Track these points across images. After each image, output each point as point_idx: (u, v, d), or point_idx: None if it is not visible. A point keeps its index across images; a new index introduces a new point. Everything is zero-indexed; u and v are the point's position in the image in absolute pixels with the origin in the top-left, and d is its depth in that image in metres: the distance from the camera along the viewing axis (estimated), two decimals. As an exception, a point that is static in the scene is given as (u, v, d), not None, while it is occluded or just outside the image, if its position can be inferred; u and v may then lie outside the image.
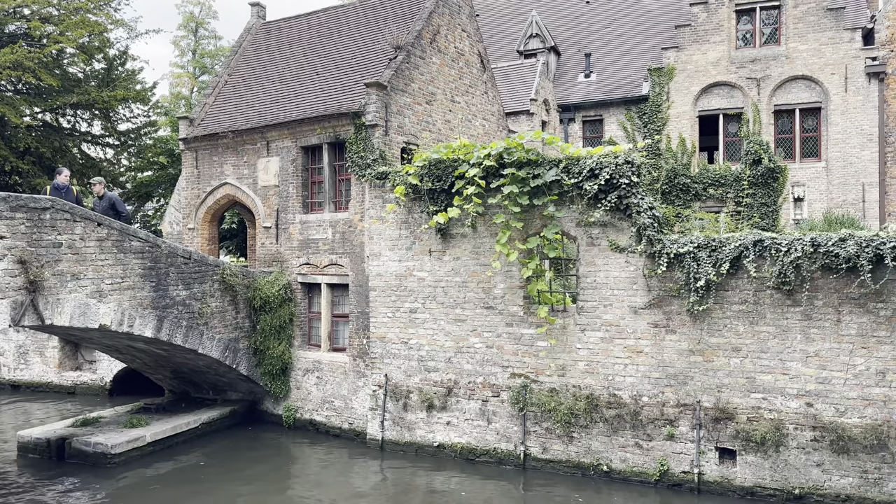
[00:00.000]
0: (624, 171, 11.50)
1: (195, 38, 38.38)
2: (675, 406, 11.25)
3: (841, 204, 21.93)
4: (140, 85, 27.35)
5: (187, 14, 37.93)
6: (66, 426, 13.79)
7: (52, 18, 22.81)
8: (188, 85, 36.95)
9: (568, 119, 25.50)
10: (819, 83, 22.64)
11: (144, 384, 17.28)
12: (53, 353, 19.03)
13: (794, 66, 22.83)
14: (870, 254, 9.89)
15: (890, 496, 9.87)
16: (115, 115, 26.25)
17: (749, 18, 23.60)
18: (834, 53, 22.42)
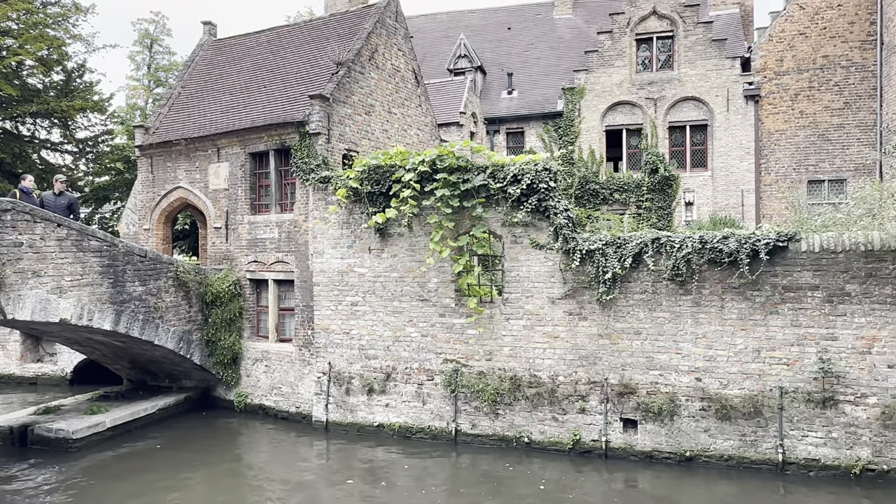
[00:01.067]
0: (543, 178, 12.04)
1: (150, 54, 37.60)
2: (586, 384, 11.84)
3: (724, 207, 23.15)
4: (97, 96, 26.81)
5: (143, 31, 37.15)
6: (29, 414, 13.53)
7: (11, 32, 22.15)
8: (143, 96, 36.19)
9: (493, 131, 26.11)
10: (706, 103, 23.87)
11: (104, 374, 16.98)
12: (15, 347, 18.61)
13: (685, 88, 24.01)
14: (747, 249, 10.68)
15: (764, 454, 10.69)
16: (74, 123, 25.68)
17: (647, 46, 24.72)
18: (718, 78, 23.70)
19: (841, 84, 23.36)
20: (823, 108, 23.47)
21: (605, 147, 25.13)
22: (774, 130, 23.81)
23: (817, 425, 10.49)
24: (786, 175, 23.66)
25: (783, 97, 23.82)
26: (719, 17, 26.14)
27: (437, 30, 31.38)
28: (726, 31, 25.18)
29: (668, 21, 24.46)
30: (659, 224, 18.74)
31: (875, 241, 10.27)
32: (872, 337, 10.29)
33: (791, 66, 23.80)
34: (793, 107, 23.71)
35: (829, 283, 10.47)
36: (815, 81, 23.59)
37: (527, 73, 27.61)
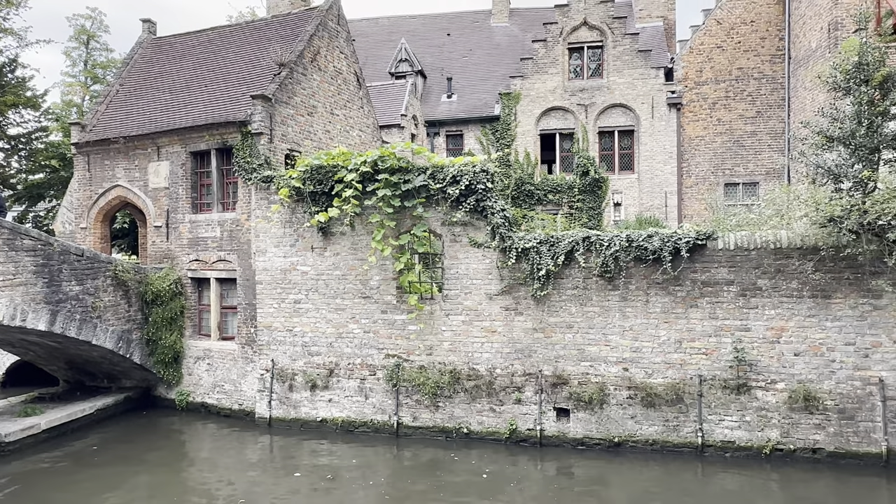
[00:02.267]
0: (480, 179, 12.13)
1: (87, 50, 35.87)
2: (522, 375, 12.02)
3: (649, 208, 23.92)
4: (31, 92, 25.40)
5: (79, 27, 35.40)
6: (-44, 419, 12.72)
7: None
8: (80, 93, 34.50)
9: (434, 133, 26.16)
10: (633, 110, 24.60)
11: (38, 375, 16.15)
12: (-60, 350, 17.36)
13: (613, 95, 24.68)
14: (670, 247, 11.06)
15: (685, 438, 11.10)
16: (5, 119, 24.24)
17: (579, 55, 25.27)
18: (643, 87, 24.46)
19: (754, 94, 24.46)
20: (738, 116, 24.53)
21: (540, 150, 25.53)
22: (695, 136, 24.73)
23: (732, 410, 10.96)
24: (705, 178, 24.61)
25: (702, 105, 24.77)
26: (645, 30, 26.94)
27: (378, 34, 31.17)
28: (651, 43, 25.99)
29: (598, 32, 25.05)
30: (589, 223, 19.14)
31: (783, 240, 10.81)
32: (781, 327, 10.83)
33: (709, 77, 24.77)
34: (711, 115, 24.68)
35: (742, 279, 10.96)
36: (730, 91, 24.62)
37: (466, 78, 27.76)
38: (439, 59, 28.99)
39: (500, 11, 30.42)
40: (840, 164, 10.89)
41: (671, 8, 27.94)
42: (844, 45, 11.22)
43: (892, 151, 10.89)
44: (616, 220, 22.98)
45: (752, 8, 24.56)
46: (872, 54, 10.80)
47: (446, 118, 26.18)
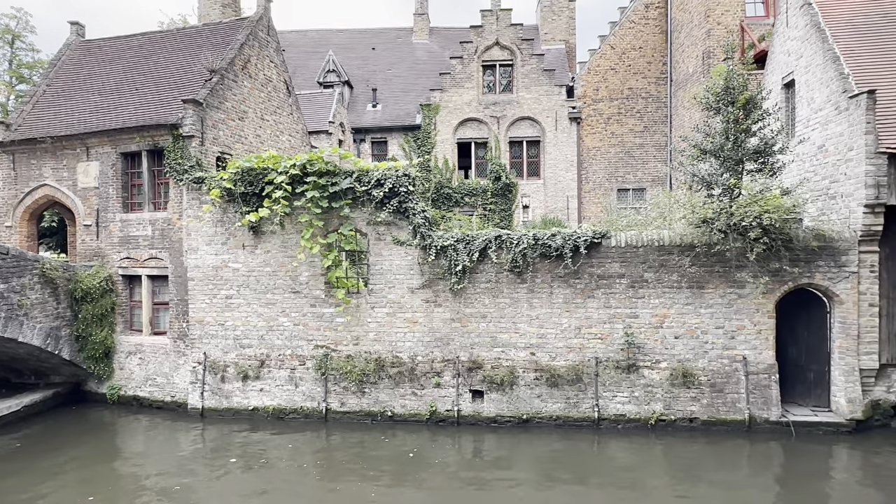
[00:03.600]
0: (403, 182, 12.13)
1: (11, 50, 33.01)
2: (441, 362, 12.12)
3: (553, 210, 24.71)
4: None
5: (3, 26, 32.51)
6: None
7: None
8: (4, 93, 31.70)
9: (360, 139, 25.89)
10: (539, 123, 25.31)
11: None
12: None
13: (522, 109, 25.30)
14: (570, 245, 11.47)
15: (584, 413, 11.54)
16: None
17: (492, 72, 25.74)
18: (548, 102, 25.22)
19: (642, 111, 25.68)
20: (629, 130, 25.67)
21: (457, 157, 25.77)
22: (592, 147, 25.68)
23: (623, 387, 11.50)
24: (601, 184, 25.62)
25: (598, 120, 25.76)
26: (549, 51, 27.73)
27: (307, 45, 30.47)
28: (555, 63, 26.78)
29: (509, 51, 25.54)
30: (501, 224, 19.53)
31: (665, 238, 11.43)
32: (663, 314, 11.45)
33: (604, 95, 25.79)
34: (606, 128, 25.71)
35: (632, 272, 11.51)
36: (622, 108, 25.74)
37: (390, 90, 27.62)
38: (365, 71, 28.69)
39: (420, 29, 30.47)
40: (712, 174, 11.63)
41: (572, 33, 28.88)
42: (714, 71, 11.98)
43: (753, 163, 11.74)
44: (524, 221, 23.56)
45: (641, 36, 25.77)
46: (737, 80, 11.60)
47: (372, 126, 25.96)
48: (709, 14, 21.71)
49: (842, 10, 13.02)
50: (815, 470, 9.73)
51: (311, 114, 21.96)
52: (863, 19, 12.75)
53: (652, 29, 25.70)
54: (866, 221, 10.72)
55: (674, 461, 10.00)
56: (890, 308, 10.98)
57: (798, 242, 10.93)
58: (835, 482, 9.41)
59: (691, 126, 21.57)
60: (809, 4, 13.16)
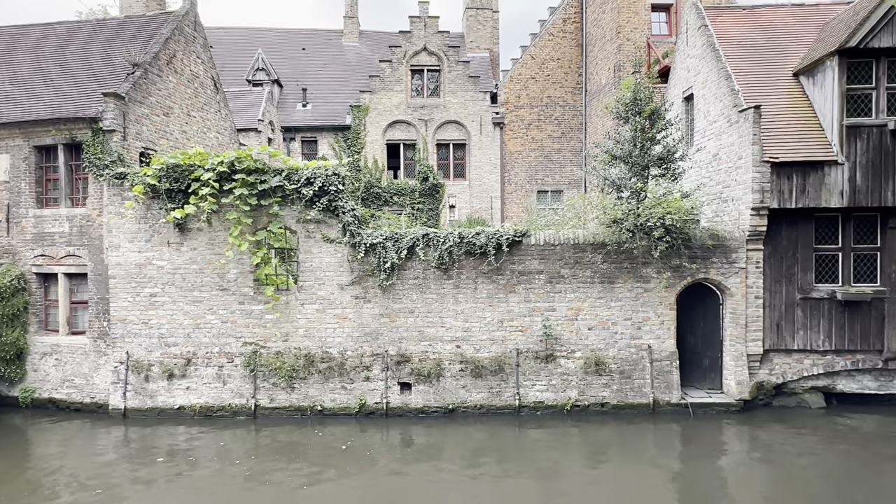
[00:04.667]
0: (333, 181, 11.95)
1: None
2: (370, 356, 12.06)
3: (478, 210, 25.14)
4: None
5: None
6: None
7: None
8: None
9: (290, 138, 25.28)
10: (465, 126, 25.67)
11: None
12: None
13: (449, 113, 25.56)
14: (493, 243, 11.71)
15: (506, 402, 11.83)
16: None
17: (420, 76, 25.84)
18: (473, 107, 25.62)
19: (560, 119, 26.52)
20: (548, 136, 26.45)
21: (387, 157, 25.65)
22: (514, 151, 26.27)
23: (542, 376, 11.88)
24: (522, 186, 26.26)
25: (520, 126, 26.38)
26: (474, 59, 28.10)
27: (235, 43, 29.34)
28: (479, 70, 27.17)
29: (436, 57, 25.69)
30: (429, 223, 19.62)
31: (580, 237, 11.90)
32: (578, 308, 11.92)
33: (525, 102, 26.44)
34: (527, 133, 26.38)
35: (550, 268, 11.89)
36: (542, 115, 26.48)
37: (320, 90, 27.10)
38: (295, 71, 28.00)
39: (350, 32, 30.07)
40: (621, 178, 12.21)
41: (496, 42, 29.40)
42: (623, 83, 12.58)
43: (657, 169, 12.43)
44: (451, 220, 23.80)
45: (559, 48, 26.59)
46: (644, 92, 12.23)
47: (302, 125, 25.39)
48: (619, 31, 22.71)
49: (733, 33, 14.00)
50: (710, 445, 10.45)
51: (240, 111, 21.20)
52: (750, 42, 13.76)
53: (569, 42, 26.59)
54: (753, 223, 11.60)
55: (587, 444, 10.44)
56: (772, 300, 11.95)
57: (696, 241, 11.68)
58: (727, 455, 10.15)
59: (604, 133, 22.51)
60: (706, 26, 14.06)
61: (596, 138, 24.09)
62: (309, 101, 26.40)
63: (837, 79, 11.39)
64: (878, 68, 11.31)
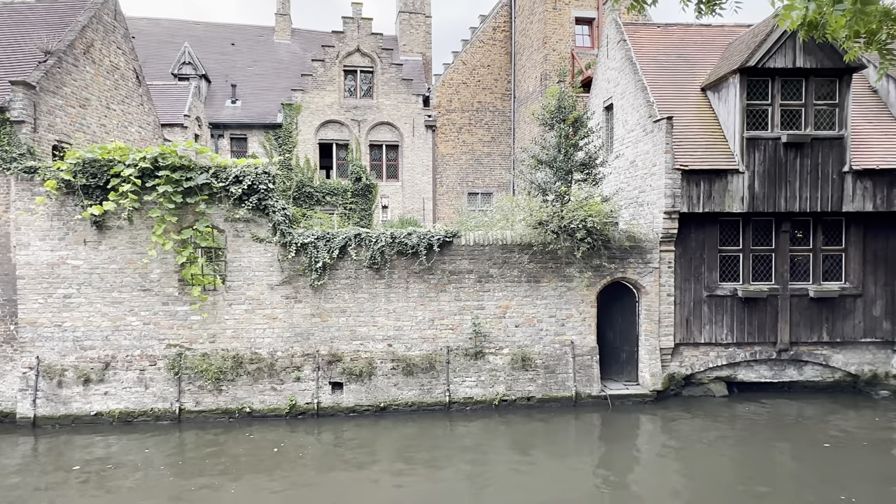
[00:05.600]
0: (263, 180, 11.50)
1: None
2: (301, 356, 11.71)
3: (410, 211, 25.12)
4: None
5: None
6: None
7: None
8: None
9: (218, 135, 24.21)
10: (398, 128, 25.55)
11: None
12: None
13: (382, 114, 25.35)
14: (425, 243, 11.66)
15: (436, 398, 11.81)
16: None
17: (353, 77, 25.47)
18: (406, 109, 25.55)
19: (489, 123, 26.86)
20: (478, 139, 26.74)
21: (319, 157, 25.09)
22: (446, 154, 26.38)
23: (472, 372, 11.95)
24: (453, 188, 26.41)
25: (451, 129, 26.51)
26: (407, 62, 27.97)
27: (160, 35, 27.78)
28: (412, 74, 27.08)
29: (370, 59, 25.37)
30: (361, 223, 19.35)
31: (508, 238, 12.06)
32: (506, 306, 12.08)
33: (457, 106, 26.61)
34: (458, 137, 26.55)
35: (479, 268, 11.98)
36: (473, 120, 26.74)
37: (250, 87, 26.11)
38: (224, 66, 26.84)
39: (282, 30, 29.18)
40: (546, 181, 12.49)
41: (428, 46, 29.41)
42: (549, 92, 12.87)
43: (580, 173, 12.80)
44: (384, 221, 23.58)
45: (489, 55, 26.93)
46: (568, 101, 12.56)
47: (231, 122, 24.36)
48: (546, 41, 23.27)
49: (649, 48, 14.65)
50: (626, 433, 10.87)
51: (165, 106, 20.05)
52: (664, 57, 14.44)
53: (499, 50, 26.98)
54: (665, 226, 12.17)
55: (514, 436, 10.59)
56: (682, 297, 12.59)
57: (614, 243, 12.12)
58: (641, 442, 10.59)
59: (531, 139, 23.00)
60: (624, 41, 14.63)
61: (524, 143, 24.58)
62: (239, 97, 25.39)
63: (739, 95, 12.14)
64: (773, 86, 12.15)
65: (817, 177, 12.19)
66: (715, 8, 4.84)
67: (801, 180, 12.18)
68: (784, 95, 12.19)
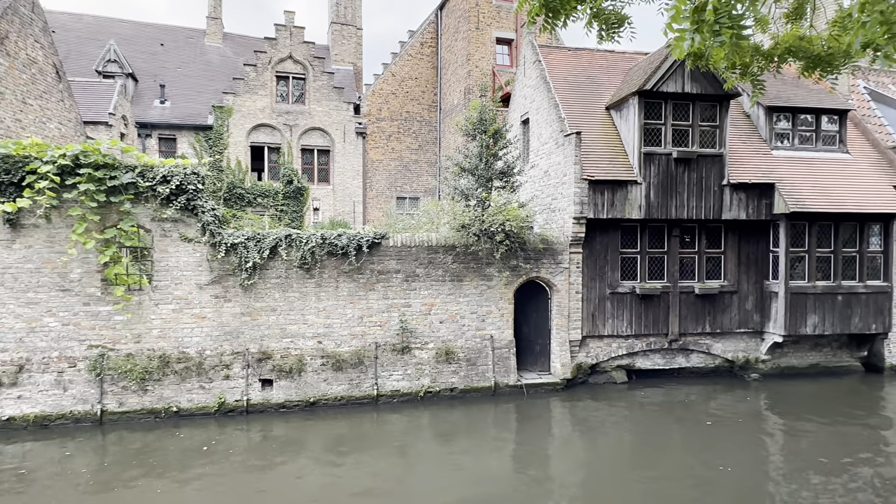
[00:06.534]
0: (192, 180, 10.99)
1: None
2: (230, 355, 11.29)
3: (341, 213, 24.79)
4: None
5: None
6: None
7: None
8: None
9: (146, 135, 22.80)
10: (329, 134, 25.16)
11: None
12: None
13: (313, 120, 24.87)
14: (354, 244, 11.59)
15: (365, 392, 11.74)
16: None
17: (285, 83, 24.82)
18: (338, 116, 25.22)
19: (417, 132, 27.01)
20: (406, 147, 26.81)
21: (251, 159, 24.21)
22: (376, 160, 26.25)
23: (398, 367, 11.99)
24: (383, 192, 26.30)
25: (381, 137, 26.42)
26: (339, 71, 27.60)
27: (83, 30, 25.79)
28: (344, 82, 26.74)
29: (302, 66, 24.81)
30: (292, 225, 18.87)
31: (433, 240, 12.22)
32: (431, 303, 12.22)
33: (386, 115, 26.55)
34: (388, 144, 26.50)
35: (406, 268, 12.06)
36: (401, 128, 26.77)
37: (179, 87, 24.76)
38: (152, 66, 25.31)
39: (213, 33, 27.92)
40: (469, 188, 12.77)
41: (359, 57, 29.15)
42: (471, 105, 13.18)
43: (499, 181, 13.19)
44: (315, 223, 23.11)
45: (416, 68, 27.09)
46: (489, 114, 12.92)
47: (160, 122, 23.01)
48: (469, 58, 23.73)
49: (561, 69, 15.32)
50: (539, 419, 11.31)
51: (89, 104, 18.64)
52: (574, 78, 15.16)
53: (426, 63, 27.20)
54: (574, 230, 12.78)
55: (439, 425, 10.74)
56: (588, 294, 13.25)
57: (530, 245, 12.58)
58: (553, 425, 11.06)
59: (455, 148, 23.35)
60: (539, 62, 15.22)
61: (448, 152, 24.92)
62: (168, 98, 24.03)
63: (637, 114, 12.97)
64: (666, 108, 13.08)
65: (702, 189, 13.24)
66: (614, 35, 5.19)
67: (689, 191, 13.18)
68: (675, 116, 13.15)
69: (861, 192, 13.63)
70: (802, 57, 6.09)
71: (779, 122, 14.52)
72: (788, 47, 6.06)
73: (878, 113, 16.18)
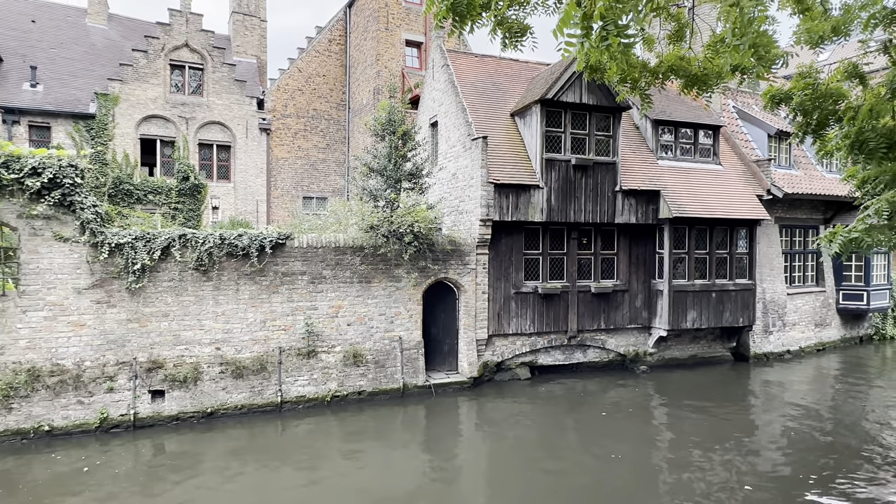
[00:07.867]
0: (68, 173, 9.89)
1: None
2: (114, 365, 10.29)
3: (243, 213, 23.59)
4: None
5: None
6: None
7: None
8: None
9: (12, 121, 20.21)
10: (230, 129, 23.82)
11: None
12: None
13: (213, 113, 23.42)
14: (257, 245, 11.03)
15: (268, 399, 11.21)
16: None
17: (181, 72, 23.16)
18: (239, 110, 23.96)
19: (325, 131, 26.33)
20: (314, 146, 26.04)
21: (141, 153, 22.28)
22: (281, 157, 25.23)
23: (304, 371, 11.58)
24: (288, 191, 25.35)
25: (287, 134, 25.46)
26: (241, 63, 26.22)
27: (-68, -1, 22.42)
28: (246, 75, 25.45)
29: (199, 56, 23.27)
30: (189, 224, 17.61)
31: (341, 241, 11.94)
32: (339, 306, 11.94)
33: (292, 112, 25.64)
34: (294, 142, 25.58)
35: (312, 270, 11.68)
36: (308, 126, 25.97)
37: (55, 71, 22.22)
38: (22, 45, 22.52)
39: (97, 13, 25.40)
40: (378, 188, 12.64)
41: (263, 50, 27.91)
42: (380, 106, 13.06)
43: (408, 182, 13.17)
44: (214, 222, 21.74)
45: (325, 65, 26.42)
46: (398, 115, 12.87)
47: (30, 108, 20.51)
48: (378, 58, 23.54)
49: (469, 74, 15.62)
50: (447, 417, 11.42)
51: (-63, 82, 16.19)
52: (481, 83, 15.52)
53: (334, 61, 26.61)
54: (480, 231, 13.07)
55: (347, 429, 10.49)
56: (494, 294, 13.61)
57: (438, 246, 12.68)
58: (461, 422, 11.22)
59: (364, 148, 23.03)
60: (447, 66, 15.41)
61: (357, 152, 24.54)
62: (40, 81, 21.49)
63: (539, 122, 13.53)
64: (566, 117, 13.77)
65: (597, 194, 14.08)
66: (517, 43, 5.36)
67: (586, 196, 13.97)
68: (573, 125, 13.88)
69: (731, 200, 15.20)
70: (682, 75, 6.67)
71: (663, 135, 15.80)
72: (671, 66, 6.59)
73: (745, 130, 18.14)
